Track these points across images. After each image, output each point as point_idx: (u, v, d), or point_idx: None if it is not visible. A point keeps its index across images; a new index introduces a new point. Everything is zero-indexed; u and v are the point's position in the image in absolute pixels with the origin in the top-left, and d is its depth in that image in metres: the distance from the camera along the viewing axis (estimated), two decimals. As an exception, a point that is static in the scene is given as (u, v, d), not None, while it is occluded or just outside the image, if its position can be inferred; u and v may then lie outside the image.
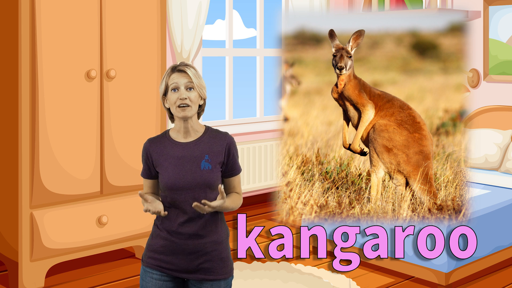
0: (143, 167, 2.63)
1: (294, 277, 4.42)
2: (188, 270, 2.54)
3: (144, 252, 2.62)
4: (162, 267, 2.55)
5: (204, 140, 2.57)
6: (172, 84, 2.51)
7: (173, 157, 2.54)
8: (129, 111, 4.57)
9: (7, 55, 4.18)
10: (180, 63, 2.54)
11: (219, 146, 2.57)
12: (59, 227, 4.24)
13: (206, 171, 2.52)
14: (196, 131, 2.58)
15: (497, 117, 6.07)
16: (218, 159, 2.56)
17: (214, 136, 2.59)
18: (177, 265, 2.54)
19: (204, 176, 2.52)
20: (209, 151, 2.56)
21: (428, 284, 4.36)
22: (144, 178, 2.64)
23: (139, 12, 4.59)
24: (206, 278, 2.55)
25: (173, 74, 2.52)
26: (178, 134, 2.58)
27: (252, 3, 6.58)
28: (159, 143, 2.59)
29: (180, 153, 2.55)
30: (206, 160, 2.54)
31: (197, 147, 2.56)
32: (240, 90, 6.50)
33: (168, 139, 2.59)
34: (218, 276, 2.56)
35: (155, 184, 2.64)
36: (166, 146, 2.57)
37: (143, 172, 2.63)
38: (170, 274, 2.55)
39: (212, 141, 2.58)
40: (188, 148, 2.55)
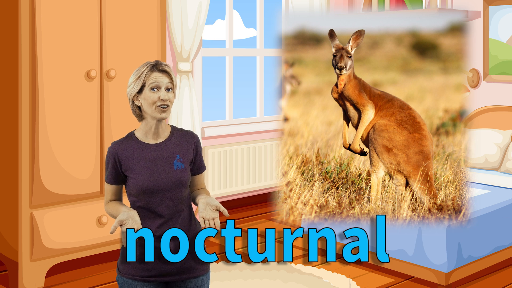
0: (109, 172, 2.50)
1: (294, 277, 4.42)
2: (170, 273, 2.52)
3: (121, 262, 2.53)
4: (145, 276, 2.50)
5: (174, 140, 2.55)
6: (152, 83, 2.43)
7: (145, 160, 2.48)
8: (129, 111, 4.57)
9: (7, 55, 4.18)
10: (159, 62, 2.48)
11: (187, 145, 2.56)
12: (59, 227, 4.24)
13: (180, 170, 2.50)
14: (164, 131, 2.54)
15: (497, 117, 6.07)
16: (188, 157, 2.54)
17: (183, 135, 2.57)
18: (159, 271, 2.50)
19: (179, 175, 2.49)
20: (179, 151, 2.53)
21: (428, 284, 4.36)
22: (108, 184, 2.53)
23: (139, 12, 4.59)
24: (190, 276, 2.54)
25: (154, 73, 2.44)
26: (146, 136, 2.52)
27: (252, 3, 6.59)
28: (127, 146, 2.50)
29: (152, 155, 2.49)
30: (178, 159, 2.52)
31: (168, 147, 2.52)
32: (240, 90, 6.51)
33: (135, 141, 2.51)
34: (201, 272, 2.56)
35: (119, 190, 2.55)
36: (135, 149, 2.50)
37: (109, 178, 2.52)
38: (154, 281, 2.51)
39: (181, 140, 2.56)
40: (159, 150, 2.51)
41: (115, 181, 2.52)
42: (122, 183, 2.53)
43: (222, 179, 5.97)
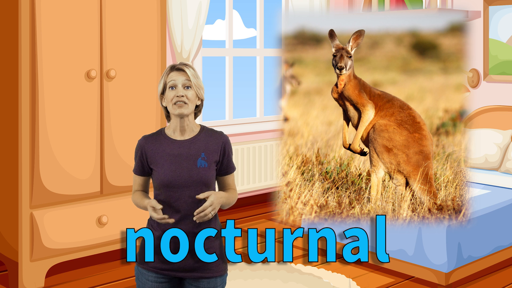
0: (136, 164, 2.62)
1: (294, 277, 4.42)
2: (184, 269, 2.54)
3: (139, 252, 2.60)
4: (158, 268, 2.55)
5: (201, 139, 2.58)
6: (170, 82, 2.53)
7: (169, 155, 2.55)
8: (129, 111, 4.57)
9: (7, 55, 4.18)
10: (179, 63, 2.56)
11: (215, 145, 2.58)
12: (59, 227, 4.24)
13: (202, 169, 2.53)
14: (192, 130, 2.59)
15: (497, 117, 6.07)
16: (214, 157, 2.57)
17: (210, 135, 2.60)
18: (172, 265, 2.54)
19: (201, 174, 2.52)
20: (205, 149, 2.56)
21: (428, 284, 4.36)
22: (135, 175, 2.64)
23: (139, 12, 4.59)
24: (203, 276, 2.55)
25: (172, 73, 2.54)
26: (174, 132, 2.59)
27: (252, 3, 6.58)
28: (154, 141, 2.59)
29: (177, 150, 2.55)
30: (202, 158, 2.55)
31: (194, 145, 2.56)
32: (240, 90, 6.51)
33: (163, 136, 2.59)
34: (215, 273, 2.57)
35: (146, 181, 2.65)
36: (162, 144, 2.57)
37: (136, 169, 2.63)
38: (167, 274, 2.55)
39: (208, 139, 2.59)
40: (184, 146, 2.56)
41: (141, 173, 2.62)
42: (148, 175, 2.62)
43: (222, 179, 5.97)
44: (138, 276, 2.59)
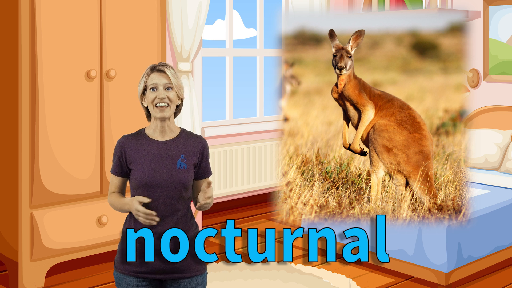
0: (115, 163, 2.61)
1: (294, 277, 4.42)
2: (164, 271, 2.54)
3: (117, 257, 2.58)
4: (137, 272, 2.54)
5: (181, 140, 2.60)
6: (151, 84, 2.54)
7: (149, 155, 2.55)
8: (129, 111, 4.57)
9: (7, 55, 4.18)
10: (159, 63, 2.57)
11: (194, 148, 2.60)
12: (59, 227, 4.24)
13: (182, 170, 2.54)
14: (172, 131, 2.61)
15: (497, 117, 6.07)
16: (192, 160, 2.59)
17: (190, 138, 2.62)
18: (152, 268, 2.53)
19: (180, 175, 2.53)
20: (184, 151, 2.58)
21: (428, 284, 4.36)
22: (113, 175, 2.62)
23: (139, 12, 4.59)
24: (183, 276, 2.55)
25: (152, 74, 2.55)
26: (154, 133, 2.60)
27: (252, 3, 6.58)
28: (134, 140, 2.59)
29: (156, 151, 2.56)
30: (182, 159, 2.56)
31: (174, 146, 2.58)
32: (240, 90, 6.50)
33: (144, 136, 2.60)
34: (195, 272, 2.57)
35: (123, 182, 2.63)
36: (142, 144, 2.58)
37: (114, 169, 2.61)
38: (147, 277, 2.54)
39: (188, 141, 2.61)
40: (164, 147, 2.57)
41: (119, 173, 2.60)
42: (126, 176, 2.61)
43: (222, 179, 5.97)
44: (118, 282, 2.58)
